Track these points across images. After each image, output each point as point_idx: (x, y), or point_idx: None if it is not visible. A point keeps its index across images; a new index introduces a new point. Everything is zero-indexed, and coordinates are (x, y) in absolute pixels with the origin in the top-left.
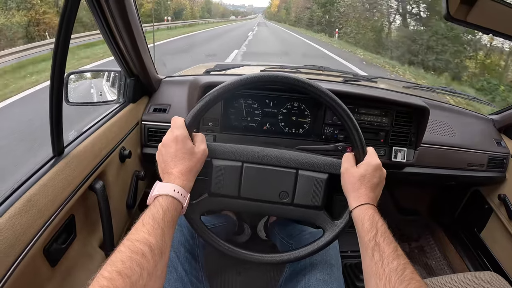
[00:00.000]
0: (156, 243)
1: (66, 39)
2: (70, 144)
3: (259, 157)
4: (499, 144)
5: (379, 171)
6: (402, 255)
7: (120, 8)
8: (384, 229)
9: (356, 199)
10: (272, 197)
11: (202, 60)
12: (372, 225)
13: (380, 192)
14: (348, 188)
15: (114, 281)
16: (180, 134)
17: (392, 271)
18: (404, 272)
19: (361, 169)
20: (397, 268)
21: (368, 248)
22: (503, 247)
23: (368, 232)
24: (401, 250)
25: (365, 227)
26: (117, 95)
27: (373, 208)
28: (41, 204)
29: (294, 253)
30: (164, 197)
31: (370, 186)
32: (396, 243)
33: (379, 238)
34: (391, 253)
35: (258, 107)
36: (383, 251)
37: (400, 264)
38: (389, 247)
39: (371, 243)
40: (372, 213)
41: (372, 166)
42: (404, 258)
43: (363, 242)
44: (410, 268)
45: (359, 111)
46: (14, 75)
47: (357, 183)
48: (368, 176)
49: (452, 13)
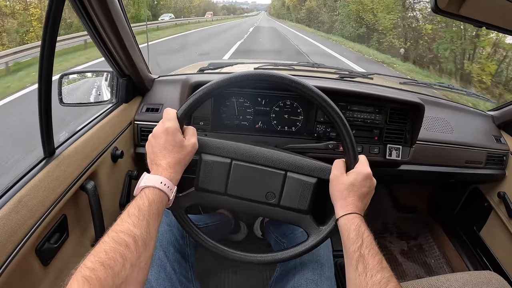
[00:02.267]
0: (140, 234)
1: (52, 40)
2: (62, 145)
3: (248, 156)
4: (499, 141)
5: (369, 181)
6: (386, 267)
7: (104, 9)
8: (369, 240)
9: (343, 207)
10: (259, 197)
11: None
12: (358, 236)
13: (368, 202)
14: (335, 196)
15: (96, 271)
16: (171, 126)
17: (375, 284)
18: (387, 286)
19: (350, 177)
20: (381, 281)
21: (352, 259)
22: (503, 246)
23: (353, 243)
24: (386, 263)
25: (351, 237)
26: (110, 96)
27: (360, 218)
28: (32, 204)
29: (275, 255)
30: (150, 188)
31: (359, 195)
32: (381, 256)
33: (364, 249)
34: (376, 265)
35: (250, 105)
36: (367, 263)
37: (384, 278)
38: (374, 259)
39: (355, 254)
40: (359, 223)
41: (362, 175)
42: (388, 271)
43: (348, 252)
44: (394, 281)
45: (351, 109)
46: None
47: (345, 191)
48: (358, 185)
49: (442, 6)
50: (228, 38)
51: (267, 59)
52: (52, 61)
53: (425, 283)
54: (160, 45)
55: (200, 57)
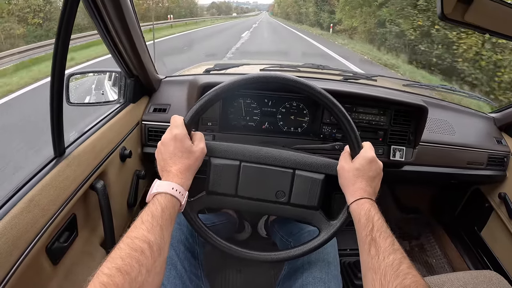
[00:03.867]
0: (154, 240)
1: (65, 40)
2: (71, 145)
3: (256, 157)
4: (500, 143)
5: (374, 164)
6: (399, 249)
7: (117, 10)
8: (380, 224)
9: (352, 194)
10: (269, 196)
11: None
12: (368, 220)
13: (378, 185)
14: (344, 184)
15: (113, 277)
16: (179, 133)
17: (387, 266)
18: (400, 267)
19: (355, 163)
20: (393, 263)
21: (365, 243)
22: (503, 246)
23: (364, 227)
24: (398, 244)
25: (362, 222)
26: (118, 96)
27: (370, 202)
28: (43, 203)
29: (289, 252)
30: (162, 195)
31: (366, 180)
32: (393, 237)
33: (375, 233)
34: (387, 247)
35: (257, 107)
36: (379, 246)
37: (396, 259)
38: (385, 242)
39: (367, 238)
40: (369, 208)
41: (366, 159)
42: (401, 253)
43: (360, 237)
44: (407, 262)
45: (357, 110)
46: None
47: (353, 178)
48: (363, 169)
49: (447, 13)
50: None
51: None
52: (65, 60)
53: (428, 282)
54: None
55: (206, 58)
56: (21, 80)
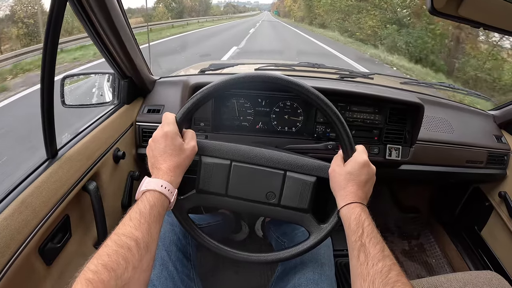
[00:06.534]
0: (142, 237)
1: (54, 42)
2: (64, 147)
3: (248, 157)
4: (499, 140)
5: (366, 168)
6: (389, 256)
7: (104, 12)
8: (370, 229)
9: (343, 198)
10: (259, 197)
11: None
12: (358, 225)
13: (370, 190)
14: (335, 188)
15: (99, 274)
16: (170, 130)
17: (376, 273)
18: (389, 274)
19: (347, 166)
20: (382, 270)
21: (354, 249)
22: (504, 246)
23: (354, 232)
24: (389, 251)
25: (351, 227)
26: (112, 97)
27: (361, 207)
28: (35, 205)
29: (278, 254)
30: (151, 192)
31: (358, 184)
32: (384, 244)
33: (364, 238)
34: (377, 254)
35: (250, 106)
36: (369, 252)
37: (386, 266)
38: (375, 248)
39: (357, 244)
40: (359, 212)
41: (359, 163)
42: (390, 259)
43: (350, 242)
44: (396, 269)
45: (351, 109)
46: None
47: (344, 181)
48: (355, 173)
49: (439, 7)
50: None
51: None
52: (54, 63)
53: (426, 283)
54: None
55: (201, 58)
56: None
